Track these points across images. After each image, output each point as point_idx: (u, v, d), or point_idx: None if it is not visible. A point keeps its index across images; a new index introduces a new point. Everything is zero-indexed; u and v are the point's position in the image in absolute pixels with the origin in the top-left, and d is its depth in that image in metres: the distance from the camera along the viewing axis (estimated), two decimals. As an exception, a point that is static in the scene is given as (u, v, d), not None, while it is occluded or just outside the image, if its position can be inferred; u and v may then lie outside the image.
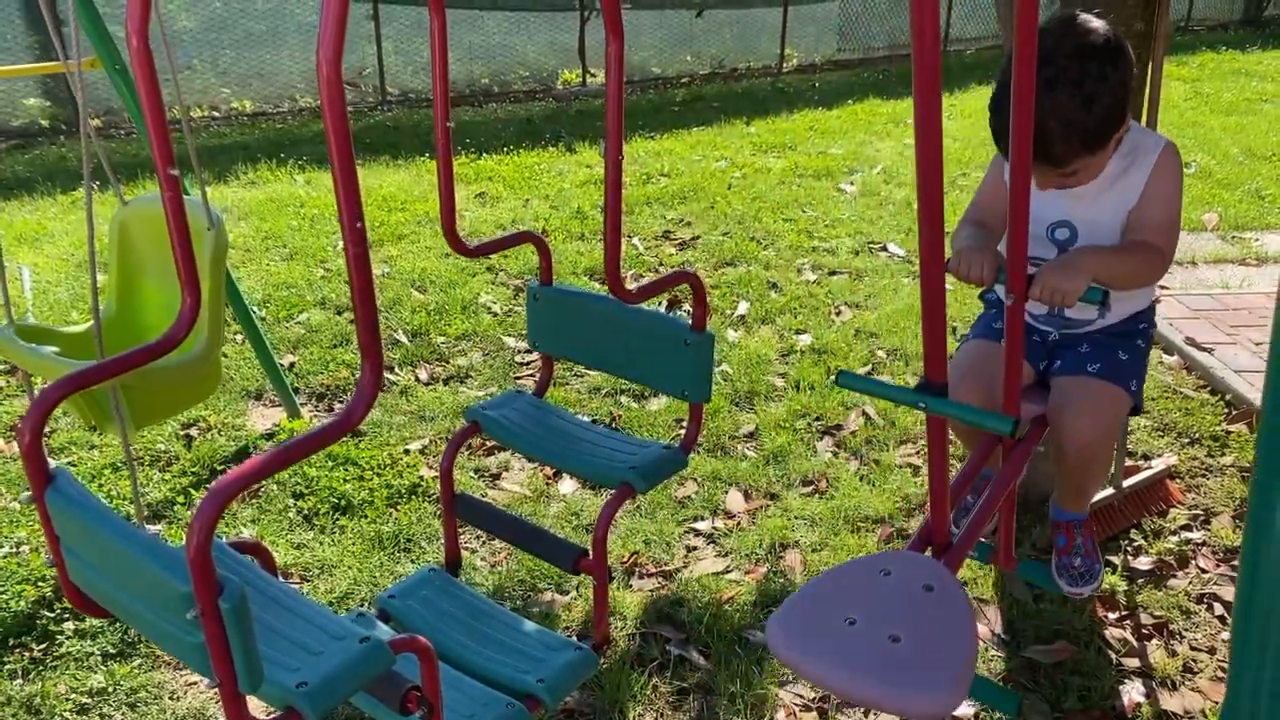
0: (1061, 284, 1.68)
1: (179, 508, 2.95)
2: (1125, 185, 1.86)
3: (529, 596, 2.59)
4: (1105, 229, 1.90)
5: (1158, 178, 1.84)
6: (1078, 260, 1.74)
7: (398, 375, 3.79)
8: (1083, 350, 2.04)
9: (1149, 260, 1.83)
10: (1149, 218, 1.85)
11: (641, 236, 5.31)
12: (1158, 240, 1.83)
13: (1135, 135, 1.89)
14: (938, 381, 1.44)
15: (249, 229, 5.38)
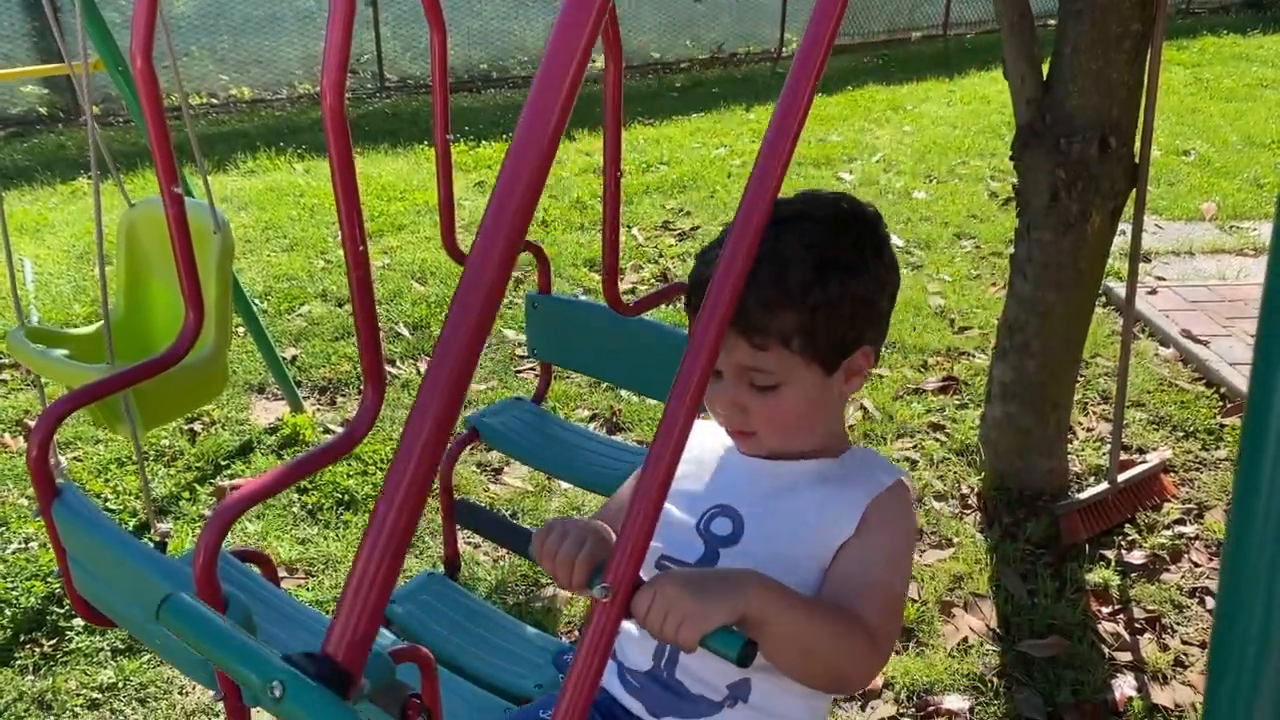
0: (689, 602, 0.91)
1: (184, 503, 2.98)
2: (837, 494, 1.15)
3: (531, 592, 2.62)
4: (790, 545, 1.13)
5: (885, 513, 1.13)
6: (734, 578, 0.99)
7: (399, 369, 3.81)
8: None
9: (845, 635, 1.02)
10: (866, 567, 1.10)
11: (641, 227, 5.32)
12: (869, 609, 1.06)
13: (867, 454, 1.23)
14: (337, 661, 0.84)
15: (249, 219, 5.39)
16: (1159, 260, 4.74)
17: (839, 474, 1.18)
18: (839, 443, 1.22)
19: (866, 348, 1.16)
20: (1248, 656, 0.85)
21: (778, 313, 1.08)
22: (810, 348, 1.10)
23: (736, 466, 1.20)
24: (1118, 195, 2.66)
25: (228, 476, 3.12)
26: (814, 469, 1.18)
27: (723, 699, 1.17)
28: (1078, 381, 3.44)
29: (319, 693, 0.76)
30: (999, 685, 2.32)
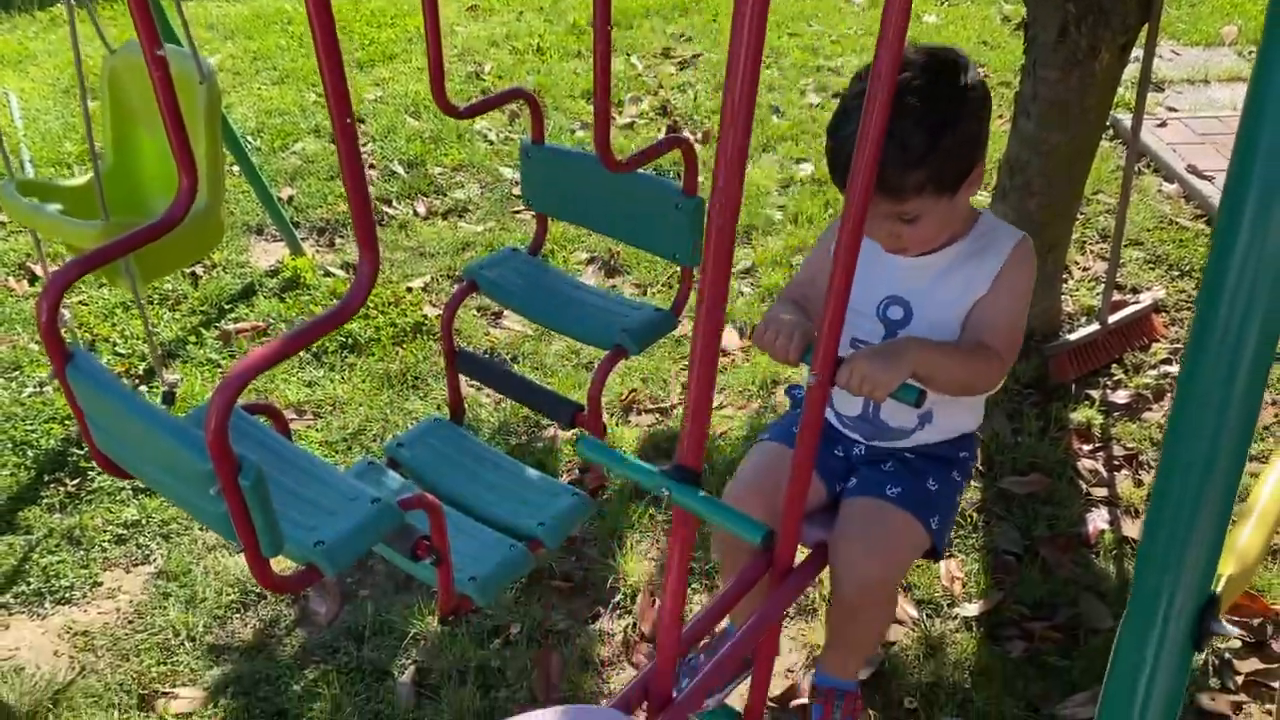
0: (876, 372, 1.35)
1: (191, 347, 3.05)
2: (975, 269, 1.56)
3: (532, 433, 2.72)
4: (945, 314, 1.58)
5: (1012, 270, 1.56)
6: (900, 349, 1.43)
7: (396, 209, 3.80)
8: (886, 468, 1.70)
9: (985, 366, 1.53)
10: (995, 315, 1.55)
11: (640, 54, 5.16)
12: (998, 343, 1.54)
13: (991, 221, 1.62)
14: (689, 466, 1.18)
15: (236, 49, 5.23)
16: (1172, 90, 4.61)
17: (974, 249, 1.58)
18: (969, 221, 1.60)
19: (979, 163, 1.51)
20: (1189, 485, 0.86)
21: (908, 176, 1.42)
22: (938, 189, 1.45)
23: (896, 265, 1.59)
24: (1129, 30, 2.57)
25: (231, 320, 3.17)
26: (955, 252, 1.58)
27: (914, 425, 1.69)
28: (1077, 220, 3.43)
29: (686, 489, 1.19)
30: (979, 520, 2.44)
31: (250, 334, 3.09)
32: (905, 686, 2.08)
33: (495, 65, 5.01)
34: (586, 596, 2.28)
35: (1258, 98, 0.76)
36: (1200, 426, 0.81)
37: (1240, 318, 0.79)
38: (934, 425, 1.69)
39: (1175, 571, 0.81)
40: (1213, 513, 0.79)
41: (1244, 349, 0.80)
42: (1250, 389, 0.81)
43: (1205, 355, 0.82)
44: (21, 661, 2.14)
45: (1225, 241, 0.79)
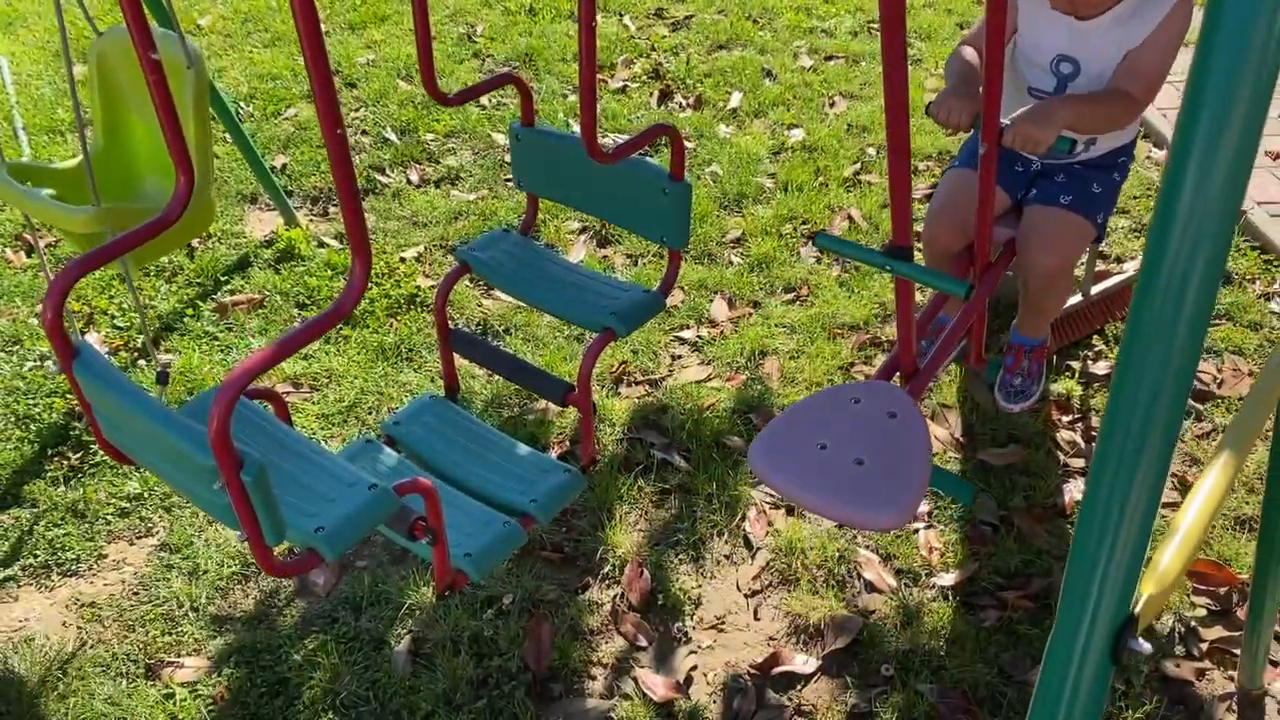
0: (1034, 133, 1.78)
1: (189, 319, 3.09)
2: (1134, 27, 1.90)
3: (525, 405, 2.78)
4: (1106, 68, 1.94)
5: (1166, 26, 1.88)
6: (1052, 110, 1.83)
7: (389, 177, 3.82)
8: (1059, 180, 2.15)
9: (1124, 110, 1.92)
10: (1142, 66, 1.90)
11: (633, 15, 5.13)
12: (1139, 91, 1.89)
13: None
14: (903, 245, 1.55)
15: (226, 9, 5.19)
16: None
17: (1135, 8, 1.89)
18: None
19: None
20: (1128, 450, 0.91)
21: None
22: None
23: (1068, 26, 1.92)
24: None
25: (228, 292, 3.21)
26: (1119, 13, 1.89)
27: (1081, 147, 2.13)
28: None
29: (901, 264, 1.55)
30: (958, 491, 2.51)
31: (246, 306, 3.13)
32: (883, 654, 2.16)
33: (487, 26, 4.99)
34: (576, 567, 2.36)
35: (1206, 44, 0.81)
36: (1122, 461, 0.87)
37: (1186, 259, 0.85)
38: (1097, 146, 2.14)
39: (1097, 593, 0.88)
40: (1129, 542, 0.86)
41: (1178, 332, 0.86)
42: (1175, 402, 0.87)
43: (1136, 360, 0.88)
44: (31, 632, 2.22)
45: (1172, 185, 0.84)
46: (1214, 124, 0.81)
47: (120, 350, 2.98)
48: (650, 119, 4.15)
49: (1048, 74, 2.02)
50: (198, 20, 5.05)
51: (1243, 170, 0.82)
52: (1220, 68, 0.82)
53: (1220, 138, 0.81)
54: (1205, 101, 0.82)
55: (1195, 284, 0.85)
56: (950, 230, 2.20)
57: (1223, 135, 0.81)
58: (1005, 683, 2.10)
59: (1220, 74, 0.82)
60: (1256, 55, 0.79)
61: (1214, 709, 2.05)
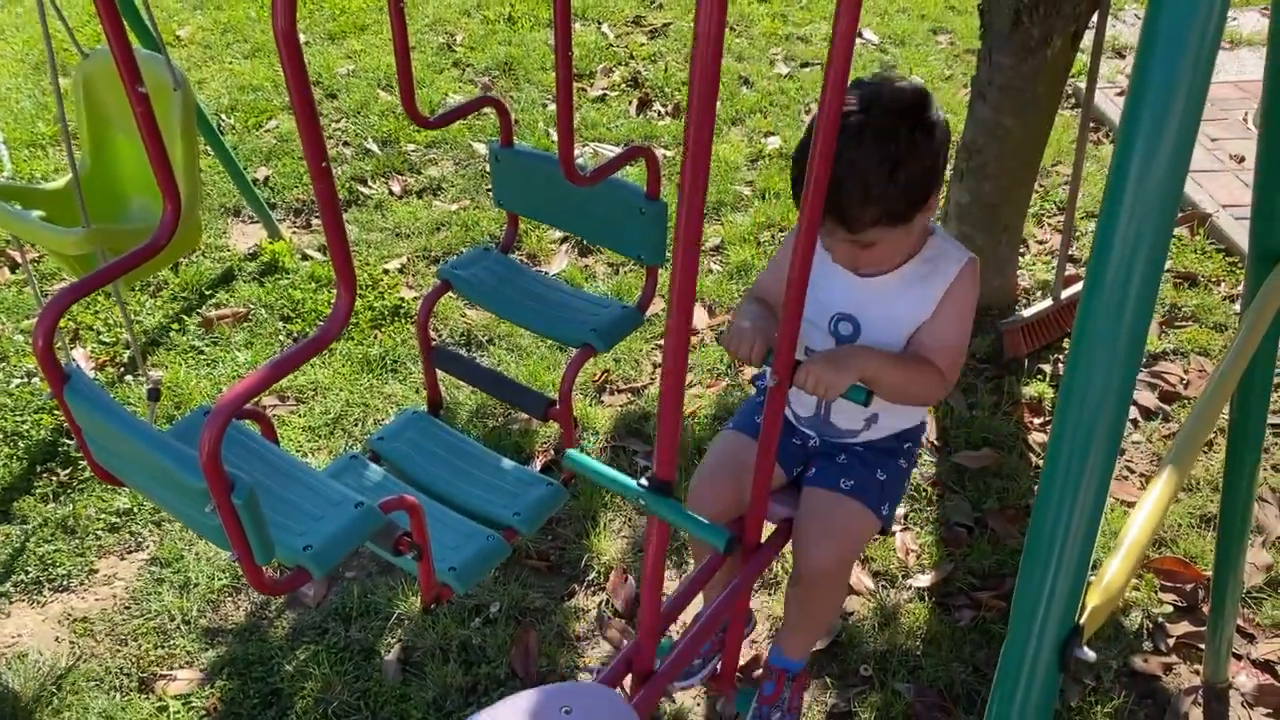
0: (827, 374, 1.52)
1: (174, 334, 3.12)
2: (921, 292, 1.66)
3: (509, 416, 2.82)
4: (891, 332, 1.69)
5: (955, 293, 1.65)
6: (850, 355, 1.60)
7: (371, 188, 3.85)
8: (840, 461, 1.84)
9: (926, 379, 1.64)
10: (937, 335, 1.66)
11: (611, 22, 5.18)
12: (940, 360, 1.65)
13: (941, 242, 1.68)
14: (663, 479, 1.33)
15: (205, 20, 5.21)
16: (1133, 55, 4.68)
17: (922, 273, 1.66)
18: (921, 239, 1.66)
19: (934, 192, 1.57)
20: (1077, 445, 0.97)
21: (867, 210, 1.50)
22: (895, 219, 1.53)
23: (849, 283, 1.69)
24: (1079, 18, 2.66)
25: (213, 306, 3.24)
26: (904, 273, 1.66)
27: (861, 426, 1.83)
28: (1035, 192, 3.54)
29: (662, 499, 1.33)
30: (932, 493, 2.57)
31: (231, 320, 3.17)
32: (861, 654, 2.22)
33: (466, 35, 5.02)
34: (562, 575, 2.41)
35: (1148, 37, 0.87)
36: (1069, 478, 0.93)
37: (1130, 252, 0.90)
38: (879, 426, 1.82)
39: (1045, 603, 0.94)
40: (1073, 559, 0.92)
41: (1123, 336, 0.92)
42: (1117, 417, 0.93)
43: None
44: (24, 648, 2.25)
45: (1118, 176, 0.90)
46: (1154, 122, 0.87)
47: (106, 365, 3.01)
48: (629, 127, 4.20)
49: (825, 335, 1.73)
50: (177, 32, 5.07)
51: (1182, 161, 0.88)
52: (1159, 67, 0.88)
53: (1160, 133, 0.87)
54: (1146, 101, 0.88)
55: (1140, 269, 0.89)
56: (719, 495, 1.83)
57: (1163, 131, 0.87)
58: (981, 681, 2.16)
59: (1160, 72, 0.88)
60: (1191, 57, 0.85)
61: (1180, 703, 2.11)
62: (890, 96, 1.49)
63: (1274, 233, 1.46)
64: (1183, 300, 3.18)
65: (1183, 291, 3.22)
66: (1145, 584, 2.34)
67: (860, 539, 1.84)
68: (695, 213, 1.17)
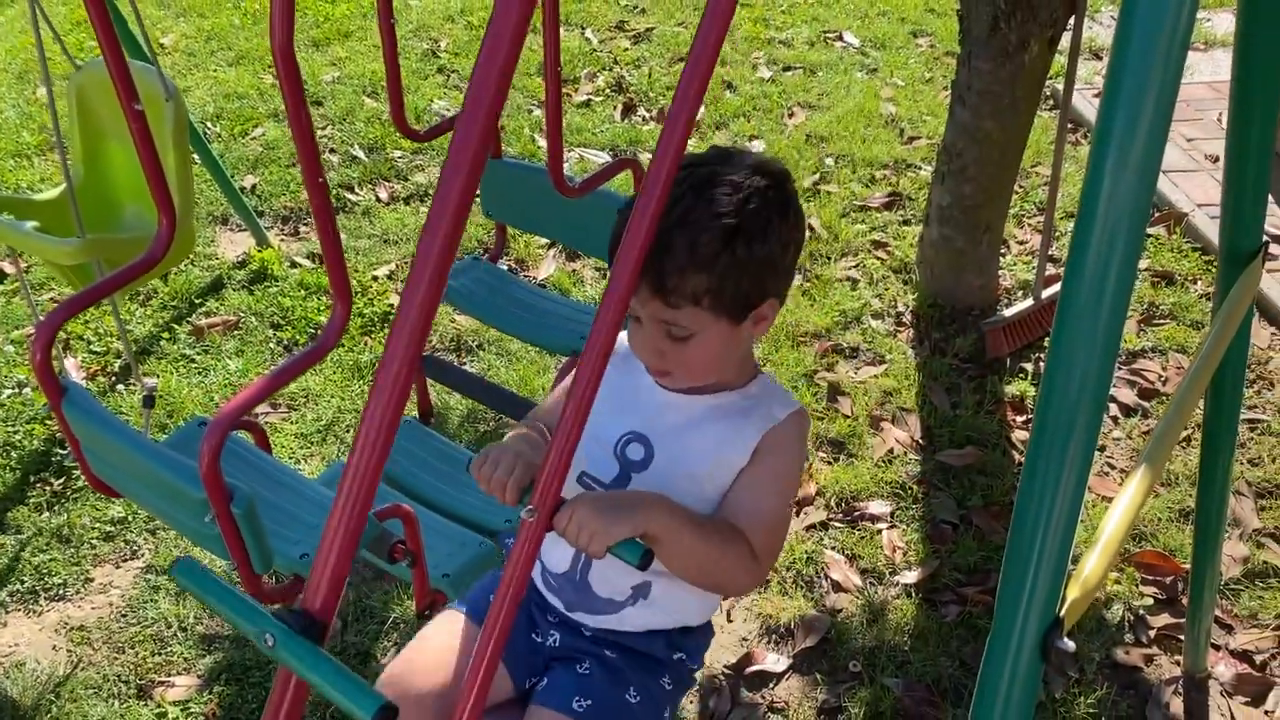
0: (597, 520, 1.12)
1: (164, 342, 3.13)
2: (736, 428, 1.33)
3: (499, 422, 2.85)
4: (689, 467, 1.33)
5: (780, 444, 1.32)
6: (634, 501, 1.21)
7: (358, 195, 3.87)
8: (581, 670, 1.42)
9: (731, 554, 1.26)
10: (752, 499, 1.31)
11: (595, 28, 5.21)
12: (752, 534, 1.28)
13: (768, 386, 1.39)
14: (312, 614, 1.01)
15: (189, 27, 5.21)
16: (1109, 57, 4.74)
17: (741, 407, 1.35)
18: (745, 373, 1.38)
19: (772, 299, 1.29)
20: (1057, 440, 1.00)
21: (689, 277, 1.20)
22: (719, 306, 1.23)
23: (650, 398, 1.36)
24: (1055, 23, 2.71)
25: (203, 314, 3.26)
26: (718, 403, 1.35)
27: (625, 599, 1.41)
28: (1015, 193, 3.59)
29: (301, 643, 0.98)
30: (918, 491, 2.62)
31: (221, 328, 3.18)
32: (850, 650, 2.26)
33: (451, 41, 5.05)
34: (554, 577, 2.44)
35: (1121, 40, 0.91)
36: (1045, 486, 0.97)
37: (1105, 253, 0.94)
38: (649, 605, 1.41)
39: (1027, 597, 0.98)
40: (1054, 553, 0.96)
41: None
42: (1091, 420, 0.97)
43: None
44: (21, 657, 2.27)
45: (1094, 177, 0.94)
46: (1127, 123, 0.92)
47: (98, 375, 3.02)
48: (614, 132, 4.23)
49: (610, 457, 1.37)
50: (160, 39, 5.07)
51: (1154, 161, 0.93)
52: (1131, 70, 0.92)
53: (1133, 134, 0.92)
54: (1119, 103, 0.92)
55: (1115, 266, 0.93)
56: (418, 697, 1.37)
57: (1136, 131, 0.92)
58: (967, 675, 2.20)
59: (1131, 76, 0.92)
60: (1161, 60, 0.90)
61: (1161, 693, 2.16)
62: (755, 160, 1.27)
63: (1242, 233, 1.50)
64: (1160, 299, 3.24)
65: (1160, 290, 3.28)
66: (1126, 577, 2.39)
67: None
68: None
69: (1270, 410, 2.87)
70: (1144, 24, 0.92)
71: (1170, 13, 0.90)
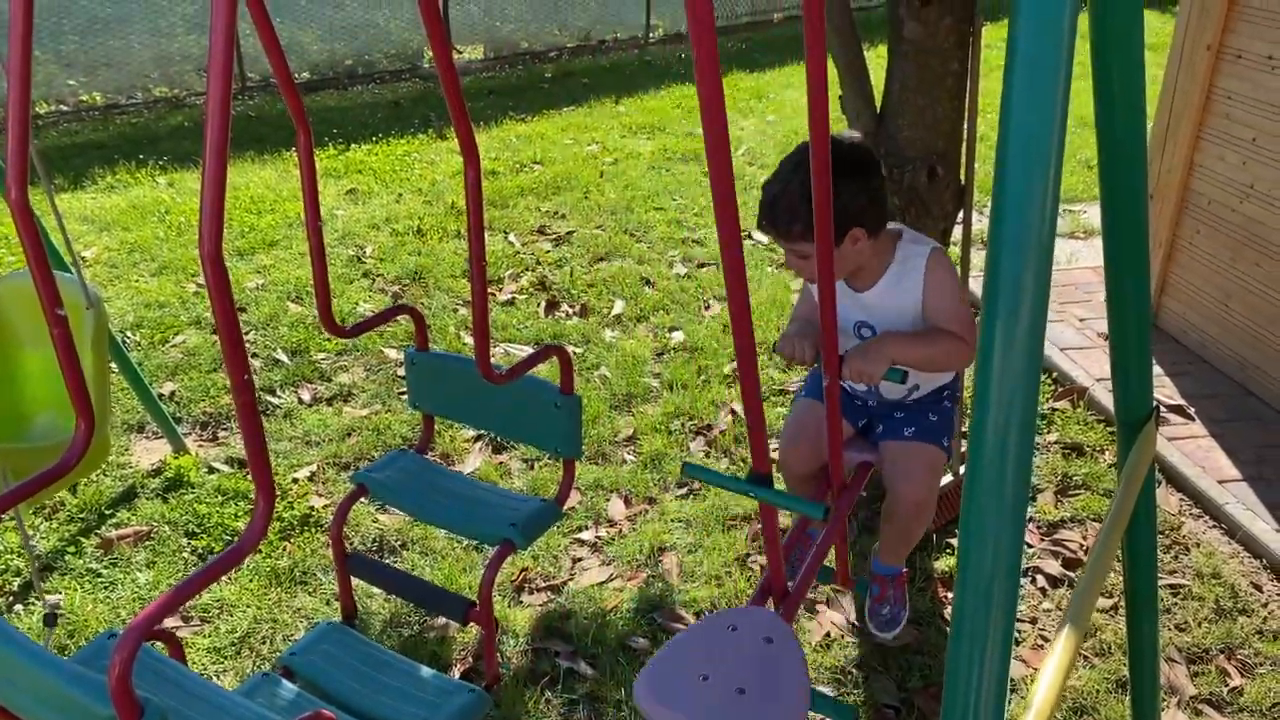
0: (864, 366, 1.96)
1: (70, 557, 2.99)
2: (904, 290, 2.09)
3: (425, 622, 2.75)
4: (900, 326, 2.12)
5: (931, 280, 2.07)
6: (879, 345, 2.00)
7: (280, 398, 3.85)
8: (898, 416, 2.32)
9: (949, 345, 2.05)
10: (937, 310, 2.08)
11: (517, 232, 5.42)
12: (953, 326, 2.05)
13: (907, 245, 2.12)
14: (763, 471, 1.53)
15: (112, 241, 5.27)
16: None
17: (898, 274, 2.10)
18: (889, 250, 2.11)
19: (856, 230, 1.97)
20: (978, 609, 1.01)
21: (793, 223, 1.94)
22: (811, 236, 1.73)
23: (859, 299, 2.14)
24: (947, 217, 2.92)
25: (113, 526, 3.13)
26: (889, 279, 2.11)
27: (905, 394, 2.31)
28: (927, 376, 3.74)
29: (763, 490, 1.43)
30: (858, 676, 2.57)
31: (133, 539, 3.06)
32: None
33: (376, 248, 5.19)
34: (487, 789, 2.29)
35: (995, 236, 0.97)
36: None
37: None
38: (920, 390, 2.29)
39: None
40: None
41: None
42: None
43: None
44: None
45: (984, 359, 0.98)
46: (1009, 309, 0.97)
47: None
48: (539, 327, 4.33)
49: (854, 339, 2.21)
50: (83, 252, 5.11)
51: (1036, 346, 0.98)
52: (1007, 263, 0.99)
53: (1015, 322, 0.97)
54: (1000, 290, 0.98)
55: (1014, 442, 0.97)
56: (802, 456, 2.35)
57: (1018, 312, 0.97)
58: None
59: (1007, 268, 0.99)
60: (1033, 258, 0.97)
61: None
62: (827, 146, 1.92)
63: (1133, 402, 1.59)
64: (1073, 470, 3.35)
65: (1072, 461, 3.40)
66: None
67: (932, 467, 2.28)
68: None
69: (1190, 574, 2.93)
70: (1014, 216, 1.00)
71: (1036, 205, 0.98)
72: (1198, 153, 3.94)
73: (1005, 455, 0.98)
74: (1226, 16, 3.72)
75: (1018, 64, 0.95)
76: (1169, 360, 3.97)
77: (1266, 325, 3.68)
